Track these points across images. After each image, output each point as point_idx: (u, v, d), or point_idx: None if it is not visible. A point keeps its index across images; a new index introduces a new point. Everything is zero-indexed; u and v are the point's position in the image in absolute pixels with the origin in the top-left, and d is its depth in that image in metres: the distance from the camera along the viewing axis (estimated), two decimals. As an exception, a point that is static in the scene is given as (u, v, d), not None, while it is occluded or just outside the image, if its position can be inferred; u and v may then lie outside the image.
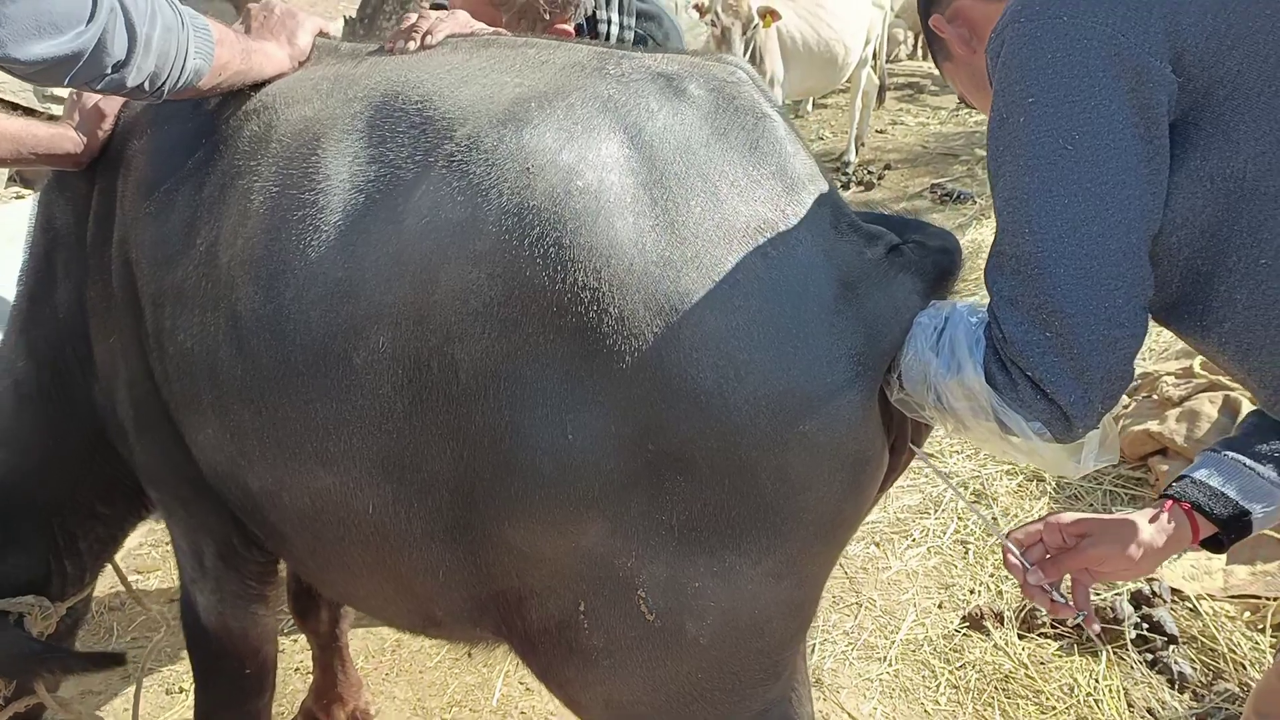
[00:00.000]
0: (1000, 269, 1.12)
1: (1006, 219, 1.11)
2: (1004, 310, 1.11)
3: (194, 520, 1.73)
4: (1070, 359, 1.07)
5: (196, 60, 1.36)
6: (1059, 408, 1.08)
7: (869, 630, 2.81)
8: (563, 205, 1.16)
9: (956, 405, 1.14)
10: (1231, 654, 2.57)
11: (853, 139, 7.63)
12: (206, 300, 1.44)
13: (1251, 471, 1.26)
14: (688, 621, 1.24)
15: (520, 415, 1.19)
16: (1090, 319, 1.06)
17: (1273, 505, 1.26)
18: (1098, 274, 1.05)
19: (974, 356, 1.13)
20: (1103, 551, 1.24)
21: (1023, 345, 1.08)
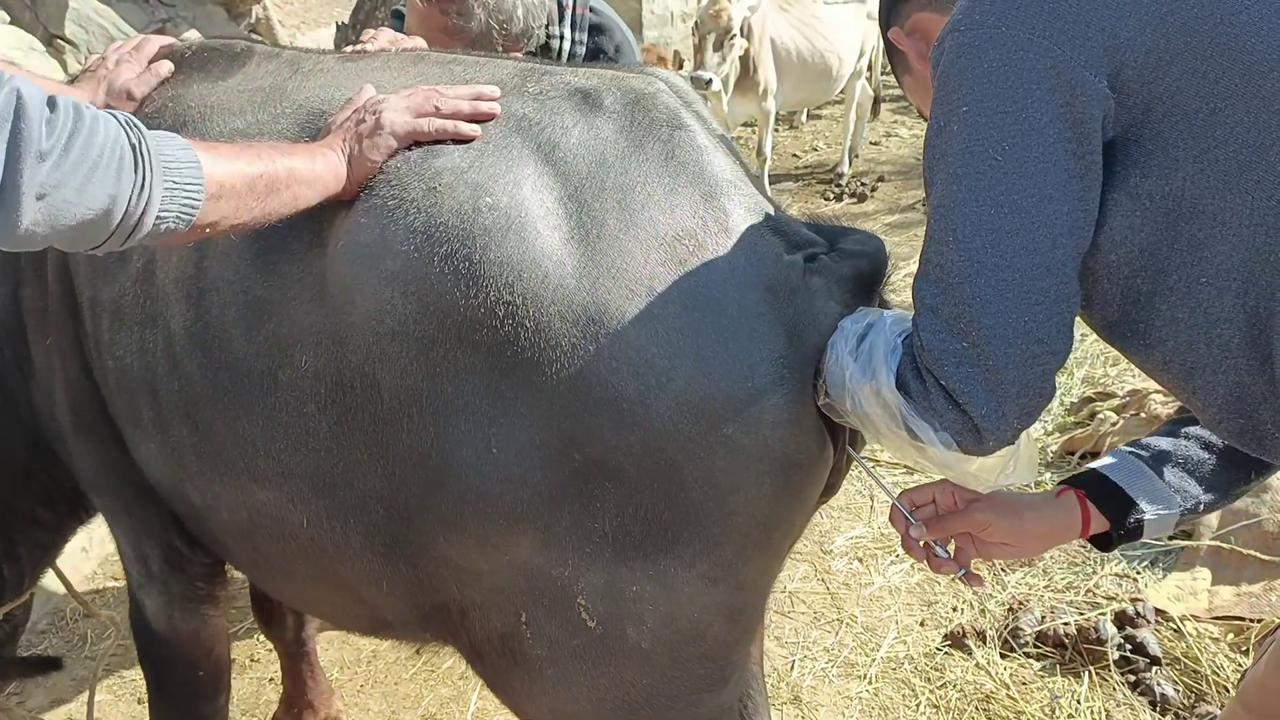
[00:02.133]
0: (925, 276, 1.11)
1: (934, 227, 1.10)
2: (925, 318, 1.10)
3: (137, 524, 1.72)
4: (985, 371, 1.06)
5: (162, 224, 1.02)
6: (970, 419, 1.07)
7: (849, 647, 2.78)
8: (471, 221, 1.16)
9: (870, 411, 1.13)
10: (1215, 676, 2.55)
11: (846, 150, 7.62)
12: (145, 318, 1.44)
13: (1155, 474, 1.27)
14: (628, 627, 1.24)
15: (444, 431, 1.19)
16: (1008, 332, 1.05)
17: (1169, 511, 1.27)
18: (1018, 287, 1.05)
19: (889, 364, 1.12)
20: (988, 517, 1.26)
21: (939, 354, 1.07)
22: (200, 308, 1.34)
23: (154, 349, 1.41)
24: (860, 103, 7.69)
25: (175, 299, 1.37)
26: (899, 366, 1.13)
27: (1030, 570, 3.05)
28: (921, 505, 1.32)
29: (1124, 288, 1.11)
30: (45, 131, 0.90)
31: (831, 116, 9.36)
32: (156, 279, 1.40)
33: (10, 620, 2.03)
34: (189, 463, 1.44)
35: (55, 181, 0.91)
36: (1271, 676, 1.43)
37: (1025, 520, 1.30)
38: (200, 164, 1.06)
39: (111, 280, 1.48)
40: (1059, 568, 3.06)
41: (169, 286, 1.38)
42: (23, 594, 2.02)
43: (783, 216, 1.30)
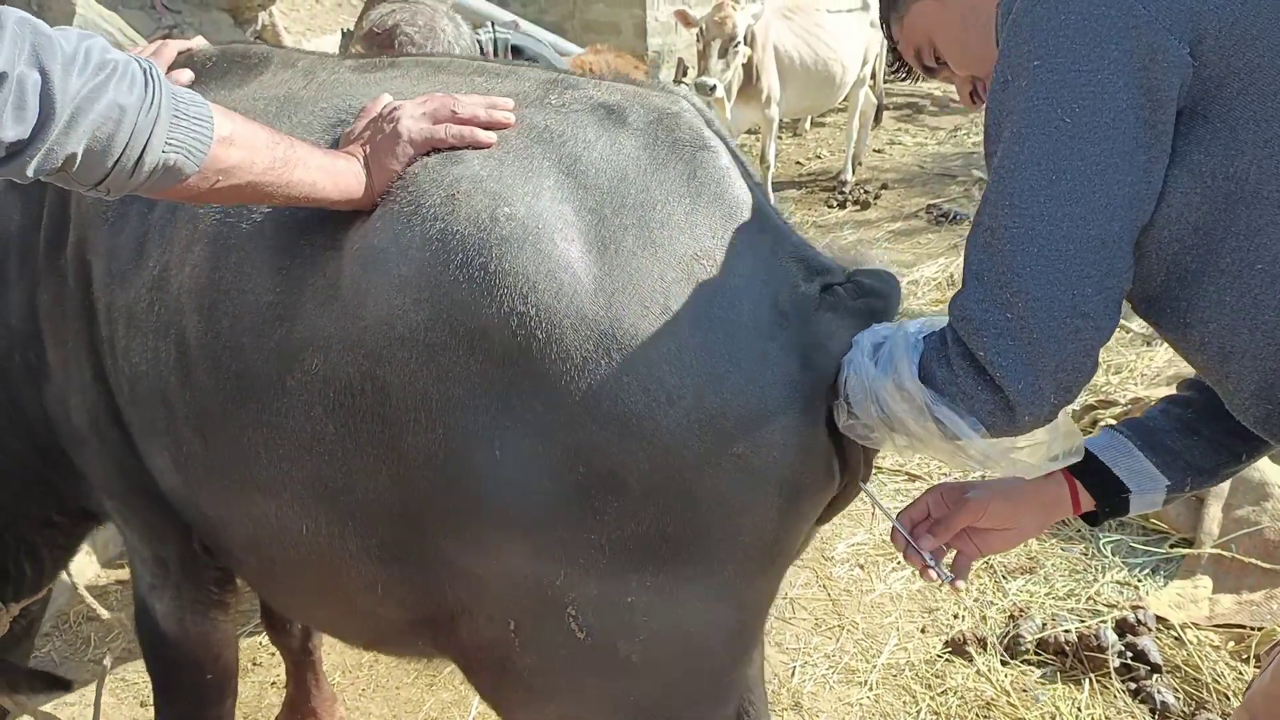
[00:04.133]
0: (974, 240, 1.08)
1: (991, 189, 1.06)
2: (969, 286, 1.07)
3: (153, 529, 1.72)
4: (1025, 344, 1.03)
5: (169, 154, 1.04)
6: (1003, 395, 1.05)
7: (850, 654, 2.79)
8: (488, 231, 1.16)
9: (896, 409, 1.12)
10: (1215, 684, 2.55)
11: (850, 158, 7.64)
12: (158, 326, 1.44)
13: (1142, 454, 1.28)
14: (620, 641, 1.24)
15: (450, 436, 1.19)
16: (1053, 305, 1.02)
17: (1154, 491, 1.30)
18: (1070, 258, 1.01)
19: (910, 357, 1.11)
20: (983, 501, 1.28)
21: (979, 324, 1.05)
22: (212, 318, 1.34)
23: (167, 359, 1.41)
24: (864, 110, 7.70)
25: (189, 309, 1.37)
26: (921, 358, 1.11)
27: (1031, 578, 3.06)
28: (919, 520, 1.35)
29: (1170, 264, 1.09)
30: (63, 44, 0.95)
31: (835, 124, 9.38)
32: (170, 287, 1.40)
33: (27, 615, 2.04)
34: (199, 475, 1.44)
35: (76, 90, 0.94)
36: (1278, 685, 1.43)
37: (1017, 501, 1.33)
38: (208, 105, 1.08)
39: (126, 286, 1.48)
40: (1060, 575, 3.06)
41: (183, 297, 1.38)
42: (40, 591, 2.03)
43: (801, 242, 1.30)
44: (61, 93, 0.93)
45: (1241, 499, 3.02)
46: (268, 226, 1.32)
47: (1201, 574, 2.93)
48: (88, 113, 0.96)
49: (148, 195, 1.09)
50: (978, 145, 8.67)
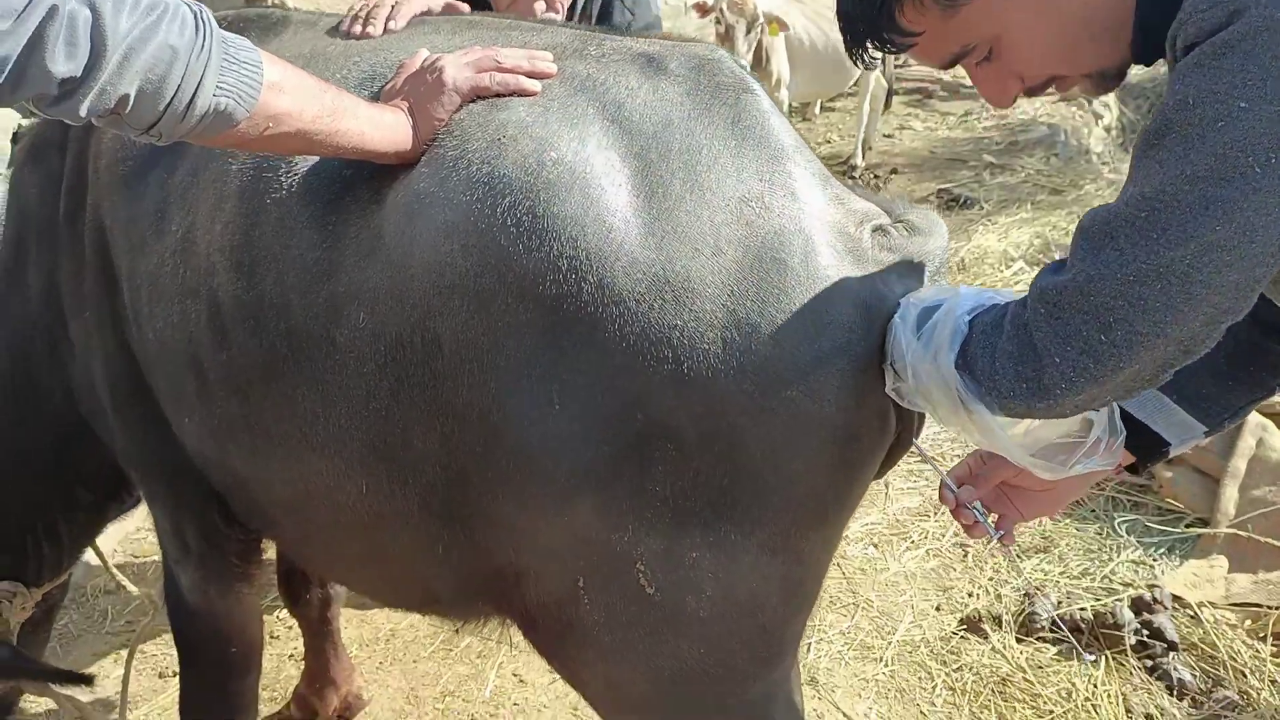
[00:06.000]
0: (1097, 252, 0.99)
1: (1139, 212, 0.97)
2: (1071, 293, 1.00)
3: (175, 500, 1.72)
4: (1107, 367, 0.98)
5: (220, 98, 1.04)
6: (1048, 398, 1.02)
7: (865, 631, 2.79)
8: (535, 175, 1.16)
9: (933, 389, 1.11)
10: (1232, 662, 2.55)
11: (860, 143, 7.61)
12: (185, 289, 1.43)
13: (1176, 408, 1.29)
14: (687, 595, 1.22)
15: (505, 388, 1.18)
16: (1154, 341, 0.97)
17: (1192, 438, 1.31)
18: (1195, 301, 0.95)
19: (953, 343, 1.09)
20: None
21: (1067, 333, 1.00)
22: (252, 277, 1.32)
23: (197, 322, 1.40)
24: (874, 94, 7.67)
25: (223, 269, 1.36)
26: (966, 343, 1.09)
27: (1046, 557, 3.06)
28: (962, 480, 1.36)
29: None
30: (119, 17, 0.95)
31: (845, 109, 9.33)
32: (197, 250, 1.39)
33: (48, 599, 2.04)
34: (238, 436, 1.42)
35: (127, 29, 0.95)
36: None
37: None
38: (257, 50, 1.08)
39: (147, 253, 1.48)
40: (1075, 555, 3.06)
41: (214, 257, 1.37)
42: (61, 574, 2.03)
43: (842, 187, 1.29)
44: (113, 31, 0.93)
45: (1259, 479, 3.01)
46: (308, 183, 1.31)
47: (1217, 554, 2.92)
48: (140, 53, 0.96)
49: (197, 142, 1.09)
50: (988, 130, 8.64)
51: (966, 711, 2.49)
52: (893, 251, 1.23)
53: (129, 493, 2.00)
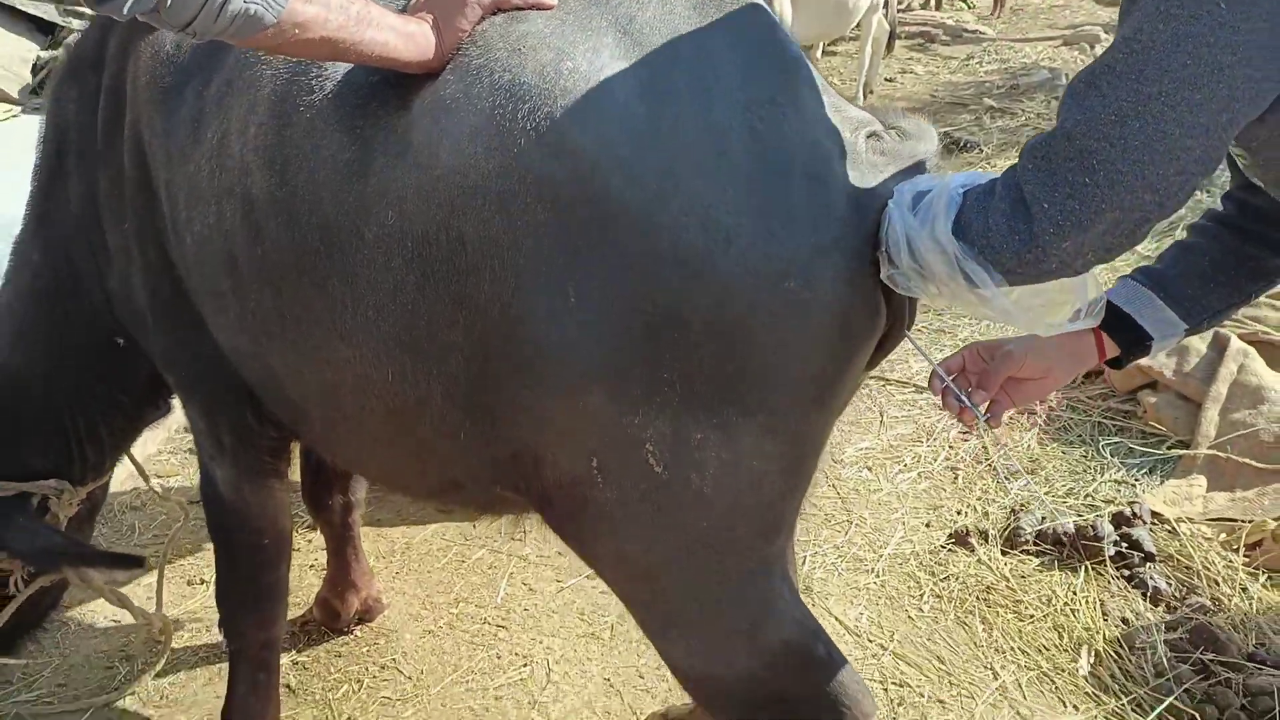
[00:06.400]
0: (1081, 99, 1.09)
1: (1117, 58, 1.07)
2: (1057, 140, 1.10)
3: (210, 400, 1.83)
4: (1091, 210, 1.08)
5: (250, 4, 1.12)
6: (1039, 247, 1.11)
7: (858, 545, 2.92)
8: (553, 83, 1.24)
9: (929, 258, 1.19)
10: (1206, 571, 2.68)
11: (861, 86, 7.63)
12: (220, 190, 1.51)
13: (1162, 305, 1.40)
14: (692, 473, 1.32)
15: (524, 282, 1.26)
16: (1133, 182, 1.05)
17: (1174, 335, 1.43)
18: (1171, 141, 1.04)
19: (948, 212, 1.18)
20: (1019, 354, 1.42)
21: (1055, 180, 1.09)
22: (285, 175, 1.41)
23: (233, 219, 1.49)
24: (875, 37, 7.67)
25: (256, 168, 1.44)
26: (960, 212, 1.18)
27: (1034, 478, 3.19)
28: (955, 371, 1.47)
29: None
30: None
31: (847, 53, 9.32)
32: (232, 152, 1.48)
33: (91, 499, 2.16)
34: (271, 328, 1.51)
35: None
36: None
37: (1048, 354, 1.46)
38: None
39: (185, 160, 1.56)
40: (1061, 476, 3.19)
41: (248, 157, 1.45)
42: (103, 475, 2.15)
43: (839, 97, 1.37)
44: None
45: (1239, 403, 3.13)
46: (338, 89, 1.39)
47: (1197, 474, 3.05)
48: None
49: (231, 41, 1.16)
50: (990, 74, 8.64)
51: (952, 616, 2.63)
52: (885, 155, 1.32)
53: (164, 399, 2.11)
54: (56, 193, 1.87)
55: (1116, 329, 1.45)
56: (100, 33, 1.80)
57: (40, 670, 2.43)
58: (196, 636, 2.57)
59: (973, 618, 2.61)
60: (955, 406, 1.45)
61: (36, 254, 1.92)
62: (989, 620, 2.60)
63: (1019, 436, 3.43)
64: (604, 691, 2.39)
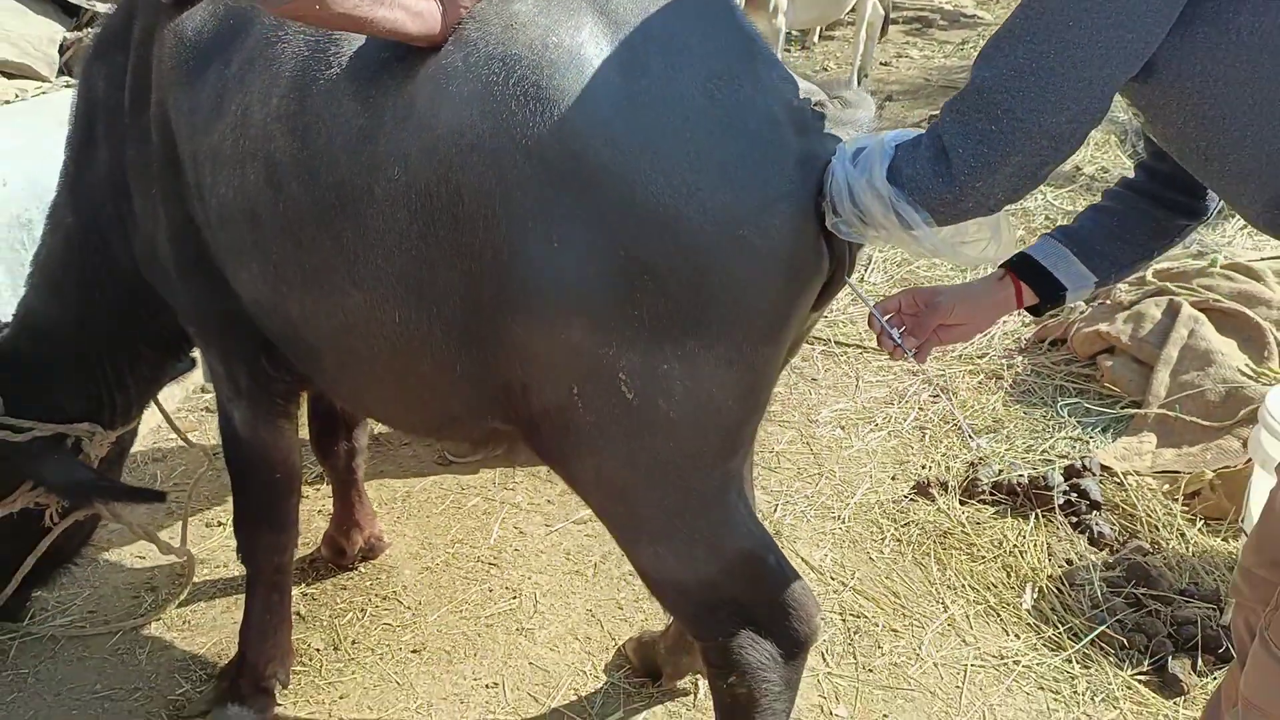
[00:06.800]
0: (988, 60, 1.29)
1: (1015, 20, 1.27)
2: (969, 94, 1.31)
3: (229, 347, 2.03)
4: (998, 152, 1.28)
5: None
6: (958, 187, 1.31)
7: (827, 495, 3.14)
8: (540, 54, 1.44)
9: (867, 203, 1.38)
10: (1148, 518, 2.89)
11: (856, 69, 7.79)
12: (243, 155, 1.70)
13: (1075, 260, 1.60)
14: (660, 399, 1.50)
15: (514, 231, 1.45)
16: (1031, 127, 1.25)
17: (1086, 287, 1.63)
18: (1060, 93, 1.23)
19: (882, 162, 1.37)
20: (948, 304, 1.62)
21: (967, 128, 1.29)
22: (305, 139, 1.59)
23: (255, 180, 1.68)
24: (870, 21, 7.82)
25: (279, 134, 1.63)
26: (892, 162, 1.37)
27: (995, 436, 3.39)
28: (892, 312, 1.68)
29: (1194, 111, 1.30)
30: None
31: (843, 37, 9.47)
32: (254, 121, 1.67)
33: (120, 443, 2.38)
34: (290, 276, 1.70)
35: None
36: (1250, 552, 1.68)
37: (974, 302, 1.67)
38: None
39: (209, 132, 1.76)
40: (1021, 434, 3.39)
41: (271, 125, 1.64)
42: (131, 421, 2.36)
43: (788, 70, 1.57)
44: None
45: (1188, 365, 3.33)
46: (352, 62, 1.58)
47: (1148, 431, 3.25)
48: None
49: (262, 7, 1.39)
50: (984, 58, 8.78)
51: (909, 558, 2.84)
52: (828, 120, 1.52)
53: (185, 351, 2.32)
54: (87, 161, 2.07)
55: (1036, 280, 1.66)
56: (125, 17, 1.99)
57: (73, 600, 2.66)
58: (214, 572, 2.80)
59: (928, 559, 2.83)
60: (890, 344, 1.66)
61: (70, 217, 2.13)
62: (943, 561, 2.82)
63: (986, 399, 3.64)
64: (586, 621, 2.62)
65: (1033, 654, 2.48)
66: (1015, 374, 3.76)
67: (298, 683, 2.40)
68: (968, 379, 3.79)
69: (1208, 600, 2.53)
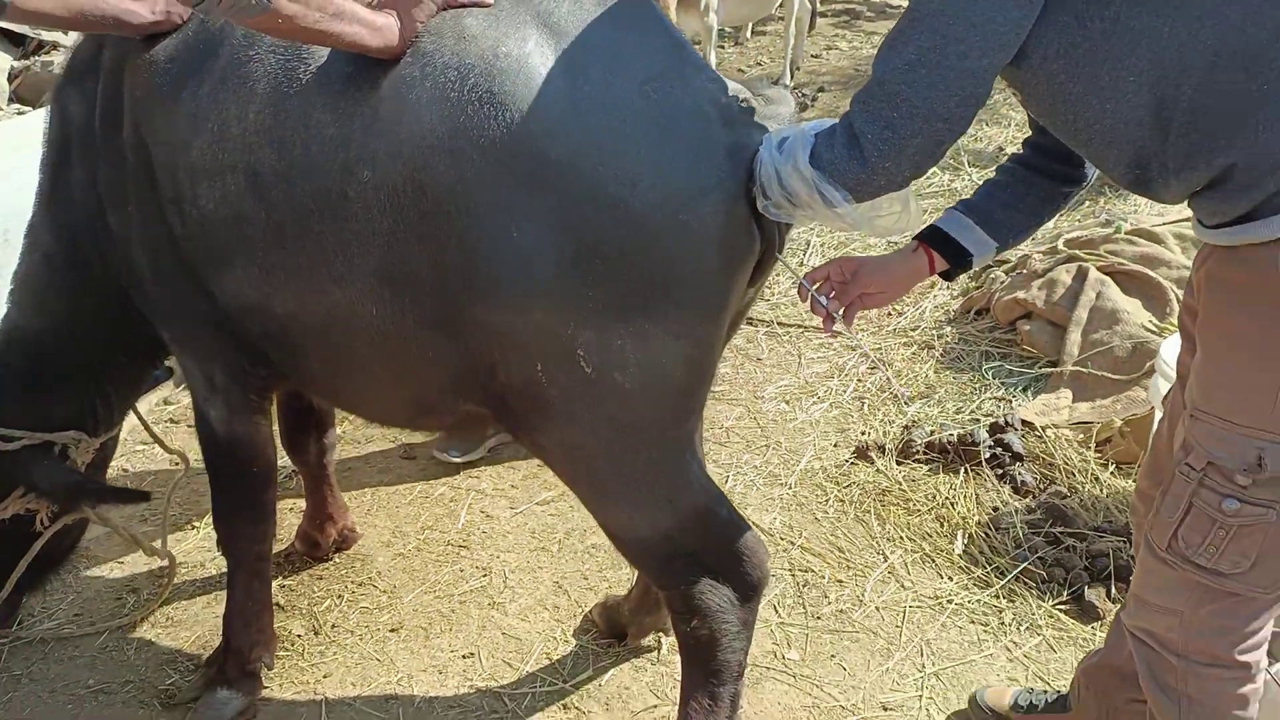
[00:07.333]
0: (885, 58, 1.47)
1: (905, 22, 1.45)
2: (872, 85, 1.48)
3: (205, 349, 2.14)
4: (900, 134, 1.45)
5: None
6: (870, 167, 1.49)
7: (774, 464, 3.34)
8: (492, 63, 1.60)
9: (793, 185, 1.56)
10: (1065, 465, 3.14)
11: (788, 63, 8.04)
12: (223, 168, 1.81)
13: (977, 228, 1.81)
14: (616, 372, 1.66)
15: (476, 223, 1.61)
16: (926, 111, 1.44)
17: (988, 252, 1.84)
18: (948, 82, 1.42)
19: (805, 148, 1.55)
20: (870, 274, 1.81)
21: (872, 114, 1.47)
22: (282, 149, 1.73)
23: (237, 190, 1.80)
24: (799, 16, 8.08)
25: (257, 145, 1.76)
26: (813, 148, 1.55)
27: (927, 401, 3.63)
28: (819, 281, 1.87)
29: (1060, 89, 1.49)
30: None
31: (775, 32, 9.71)
32: (231, 134, 1.79)
33: (103, 449, 2.48)
34: (275, 278, 1.82)
35: None
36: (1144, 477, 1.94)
37: (892, 270, 1.87)
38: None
39: (188, 147, 1.87)
40: (951, 398, 3.63)
41: (249, 137, 1.77)
42: (114, 427, 2.47)
43: (715, 72, 1.76)
44: None
45: (1097, 325, 3.58)
46: (320, 78, 1.72)
47: (1064, 388, 3.50)
48: None
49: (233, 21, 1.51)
50: (909, 47, 9.09)
51: (852, 515, 3.06)
52: (753, 115, 1.71)
53: (161, 359, 2.44)
54: (62, 181, 2.18)
55: (944, 249, 1.86)
56: (95, 45, 2.10)
57: (58, 605, 2.77)
58: (192, 572, 2.91)
59: (869, 516, 3.04)
60: (820, 310, 1.86)
61: (47, 234, 2.24)
62: (882, 517, 3.03)
63: (918, 368, 3.87)
64: (554, 592, 2.79)
65: (964, 593, 2.71)
66: (945, 343, 4.00)
67: (281, 666, 2.53)
68: (902, 350, 4.03)
69: (1119, 534, 2.78)
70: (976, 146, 6.20)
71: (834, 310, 1.85)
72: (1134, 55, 1.41)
